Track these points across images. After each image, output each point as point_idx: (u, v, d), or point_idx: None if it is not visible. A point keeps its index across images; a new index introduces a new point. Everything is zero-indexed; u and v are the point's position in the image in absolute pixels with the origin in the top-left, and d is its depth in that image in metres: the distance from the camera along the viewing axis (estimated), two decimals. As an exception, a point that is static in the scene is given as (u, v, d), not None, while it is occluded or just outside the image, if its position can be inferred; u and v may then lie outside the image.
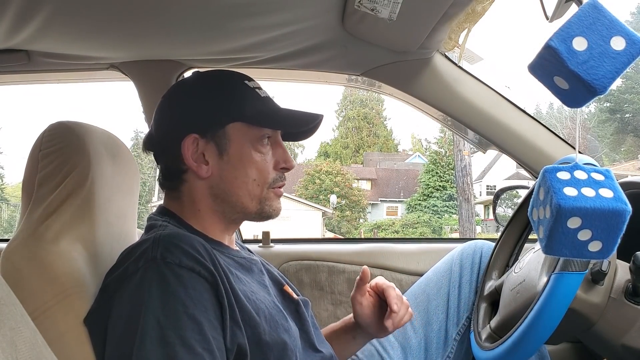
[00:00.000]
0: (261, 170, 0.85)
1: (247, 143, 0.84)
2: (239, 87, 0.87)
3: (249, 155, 0.84)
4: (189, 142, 0.83)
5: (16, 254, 0.75)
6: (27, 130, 20.47)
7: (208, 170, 0.84)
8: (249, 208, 0.85)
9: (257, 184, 0.85)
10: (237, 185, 0.84)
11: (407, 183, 25.48)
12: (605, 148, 28.22)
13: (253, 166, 0.84)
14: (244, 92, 0.87)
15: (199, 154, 0.83)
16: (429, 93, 1.24)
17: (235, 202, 0.85)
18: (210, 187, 0.84)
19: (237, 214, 0.86)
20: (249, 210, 0.86)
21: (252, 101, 0.86)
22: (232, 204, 0.85)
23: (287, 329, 0.80)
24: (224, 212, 0.86)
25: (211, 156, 0.84)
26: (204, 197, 0.85)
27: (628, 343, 0.78)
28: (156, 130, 0.88)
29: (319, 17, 1.01)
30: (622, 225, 0.53)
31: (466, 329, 1.14)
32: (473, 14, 1.01)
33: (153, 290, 0.67)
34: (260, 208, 0.86)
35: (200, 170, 0.83)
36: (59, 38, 1.03)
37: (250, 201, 0.85)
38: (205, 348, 0.65)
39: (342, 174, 22.66)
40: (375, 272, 1.34)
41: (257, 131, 0.85)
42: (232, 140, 0.84)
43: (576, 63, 0.50)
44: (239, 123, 0.84)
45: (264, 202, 0.86)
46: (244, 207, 0.85)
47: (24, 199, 0.82)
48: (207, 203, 0.85)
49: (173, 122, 0.86)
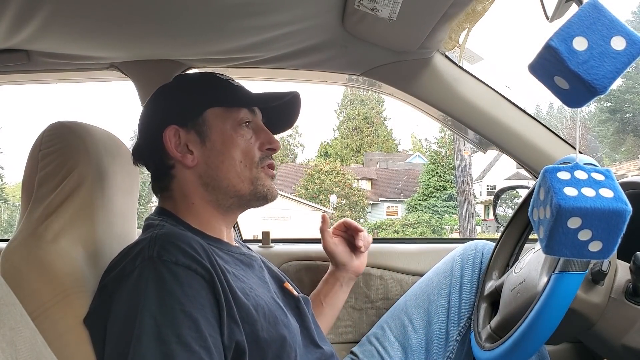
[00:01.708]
0: (246, 151, 0.86)
1: (227, 126, 0.86)
2: (212, 78, 0.91)
3: (231, 137, 0.86)
4: (170, 134, 0.85)
5: (16, 254, 0.75)
6: (27, 130, 20.49)
7: (194, 159, 0.85)
8: (242, 190, 0.86)
9: (244, 165, 0.86)
10: (225, 169, 0.85)
11: (407, 183, 25.48)
12: (606, 148, 28.22)
13: (237, 148, 0.86)
14: (217, 80, 0.90)
15: (183, 145, 0.85)
16: (429, 93, 1.24)
17: (226, 187, 0.85)
18: (200, 177, 0.85)
19: (231, 199, 0.86)
20: (242, 192, 0.86)
21: (226, 87, 0.89)
22: (223, 189, 0.85)
23: (286, 325, 0.80)
24: (217, 200, 0.86)
25: (194, 145, 0.85)
26: (196, 189, 0.86)
27: (628, 343, 0.78)
28: (141, 136, 0.90)
29: (319, 17, 1.01)
30: (622, 225, 0.53)
31: (467, 329, 1.14)
32: (473, 13, 1.01)
33: (150, 288, 0.67)
34: (253, 189, 0.86)
35: (186, 160, 0.85)
36: (59, 38, 1.03)
37: (241, 183, 0.86)
38: (202, 345, 0.66)
39: (342, 174, 22.66)
40: (375, 272, 1.34)
41: (235, 114, 0.87)
42: (212, 125, 0.86)
43: (576, 63, 0.50)
44: (216, 108, 0.87)
45: (256, 182, 0.87)
46: (236, 190, 0.86)
47: (24, 199, 0.82)
48: (199, 194, 0.86)
49: (154, 121, 0.89)
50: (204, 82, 0.91)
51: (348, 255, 1.16)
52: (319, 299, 1.14)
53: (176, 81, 0.94)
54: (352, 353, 1.19)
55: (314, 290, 1.17)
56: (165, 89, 0.92)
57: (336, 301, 1.16)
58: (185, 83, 0.92)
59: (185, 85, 0.92)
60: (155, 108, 0.91)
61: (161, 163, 0.86)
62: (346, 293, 1.18)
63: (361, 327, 1.31)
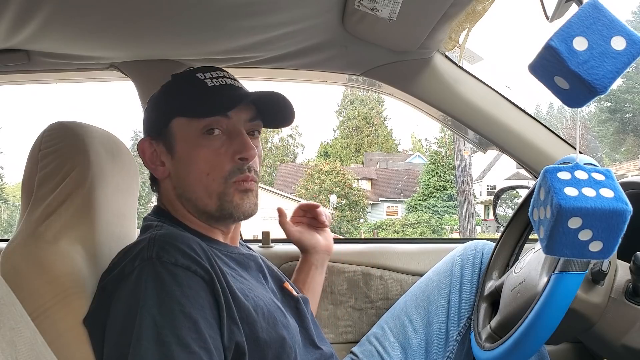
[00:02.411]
0: (213, 163, 0.81)
1: (192, 137, 0.81)
2: (186, 81, 0.85)
3: (195, 149, 0.81)
4: (145, 146, 0.85)
5: (16, 254, 0.75)
6: (27, 130, 20.47)
7: (164, 171, 0.85)
8: (209, 205, 0.82)
9: (212, 178, 0.81)
10: (192, 182, 0.82)
11: (407, 183, 25.49)
12: (606, 148, 28.22)
13: (201, 160, 0.81)
14: (188, 86, 0.84)
15: (156, 156, 0.85)
16: (429, 93, 1.24)
17: (195, 200, 0.83)
18: (174, 188, 0.85)
19: (203, 214, 0.84)
20: (209, 208, 0.82)
21: (192, 93, 0.83)
22: (193, 202, 0.83)
23: (286, 326, 0.80)
24: (195, 212, 0.84)
25: (164, 156, 0.85)
26: (174, 198, 0.86)
27: (628, 343, 0.78)
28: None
29: (319, 17, 1.01)
30: (622, 225, 0.53)
31: (467, 329, 1.14)
32: (473, 13, 1.01)
33: (149, 289, 0.67)
34: (219, 205, 0.81)
35: (157, 172, 0.85)
36: (59, 38, 1.03)
37: (208, 198, 0.81)
38: (201, 346, 0.65)
39: (342, 174, 22.66)
40: (375, 272, 1.34)
41: (197, 123, 0.81)
42: (177, 136, 0.83)
43: (576, 63, 0.50)
44: (180, 118, 0.83)
45: (223, 198, 0.81)
46: (204, 205, 0.82)
47: (24, 199, 0.82)
48: (178, 203, 0.85)
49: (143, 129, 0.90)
50: (174, 88, 0.86)
51: (314, 237, 1.16)
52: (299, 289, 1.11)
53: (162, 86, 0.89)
54: (352, 353, 1.19)
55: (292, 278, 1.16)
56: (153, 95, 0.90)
57: (315, 285, 1.16)
58: (164, 88, 0.88)
59: (161, 92, 0.88)
60: (143, 116, 0.91)
61: (149, 173, 0.88)
62: (323, 274, 1.17)
63: (361, 327, 1.31)
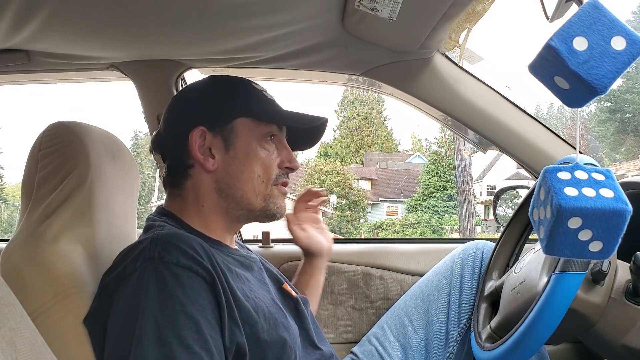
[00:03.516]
0: (266, 166, 0.86)
1: (254, 139, 0.86)
2: (247, 86, 0.90)
3: (255, 151, 0.86)
4: (197, 135, 0.85)
5: (16, 254, 0.75)
6: (27, 130, 20.46)
7: (214, 164, 0.85)
8: (254, 204, 0.86)
9: (261, 180, 0.86)
10: (243, 180, 0.85)
11: (407, 183, 25.48)
12: (606, 148, 28.22)
13: (259, 162, 0.86)
14: (252, 91, 0.90)
15: (206, 148, 0.85)
16: (429, 93, 1.24)
17: (240, 198, 0.85)
18: (216, 182, 0.85)
19: (242, 211, 0.86)
20: (254, 207, 0.86)
21: (259, 99, 0.89)
22: (237, 200, 0.85)
23: (286, 327, 0.80)
24: (228, 208, 0.86)
25: (218, 150, 0.85)
26: (209, 193, 0.85)
27: (628, 343, 0.78)
28: (165, 128, 0.90)
29: (319, 17, 1.01)
30: (622, 225, 0.53)
31: (467, 329, 1.14)
32: (473, 13, 1.01)
33: (150, 289, 0.67)
34: (265, 205, 0.87)
35: (207, 163, 0.85)
36: (59, 38, 1.03)
37: (255, 197, 0.86)
38: (203, 347, 0.65)
39: (342, 174, 22.66)
40: (375, 272, 1.34)
41: (264, 127, 0.87)
42: (239, 135, 0.86)
43: (577, 63, 0.50)
44: (246, 118, 0.86)
45: (269, 200, 0.87)
46: (249, 203, 0.86)
47: (24, 199, 0.82)
48: (211, 199, 0.85)
49: (182, 117, 0.88)
50: (239, 89, 0.90)
51: (320, 241, 1.16)
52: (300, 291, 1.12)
53: (212, 81, 0.92)
54: (352, 353, 1.19)
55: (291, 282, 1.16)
56: (199, 87, 0.92)
57: (318, 287, 1.16)
58: (221, 86, 0.91)
59: (220, 88, 0.91)
60: (187, 104, 0.90)
61: (180, 160, 0.86)
62: (324, 275, 1.18)
63: (361, 327, 1.31)
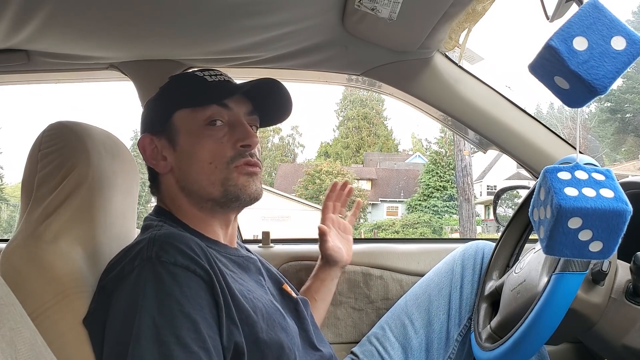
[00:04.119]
0: (215, 152, 0.84)
1: (195, 128, 0.85)
2: (185, 78, 0.90)
3: (199, 139, 0.84)
4: (146, 143, 0.87)
5: (15, 254, 0.75)
6: (27, 130, 20.45)
7: (166, 166, 0.86)
8: (213, 193, 0.84)
9: (214, 167, 0.83)
10: (195, 172, 0.84)
11: (408, 183, 25.48)
12: (606, 148, 28.22)
13: (204, 149, 0.83)
14: (188, 81, 0.88)
15: (159, 152, 0.86)
16: (429, 93, 1.24)
17: (198, 190, 0.84)
18: (177, 181, 0.86)
19: (207, 202, 0.85)
20: (214, 195, 0.84)
21: (195, 86, 0.86)
22: (197, 193, 0.85)
23: (284, 328, 0.80)
24: (197, 203, 0.86)
25: (167, 151, 0.86)
26: (176, 193, 0.86)
27: (628, 343, 0.78)
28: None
29: (319, 17, 1.01)
30: (622, 225, 0.53)
31: (468, 329, 1.13)
32: (473, 13, 1.01)
33: (148, 289, 0.67)
34: (224, 190, 0.83)
35: (159, 167, 0.86)
36: (59, 38, 1.03)
37: (211, 186, 0.83)
38: (200, 346, 0.65)
39: (342, 174, 22.65)
40: (375, 272, 1.34)
41: (201, 113, 0.84)
42: (180, 129, 0.86)
43: (577, 63, 0.50)
44: (182, 110, 0.86)
45: (227, 183, 0.83)
46: (208, 193, 0.84)
47: (24, 199, 0.82)
48: (181, 198, 0.86)
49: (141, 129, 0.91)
50: (173, 84, 0.89)
51: (342, 252, 1.17)
52: (310, 295, 1.14)
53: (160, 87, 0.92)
54: (352, 353, 1.19)
55: (303, 286, 1.17)
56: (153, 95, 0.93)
57: (328, 295, 1.17)
58: (163, 87, 0.91)
59: (161, 90, 0.91)
60: (142, 115, 0.92)
61: (149, 170, 0.89)
62: (336, 282, 1.19)
63: (361, 327, 1.31)
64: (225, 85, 0.86)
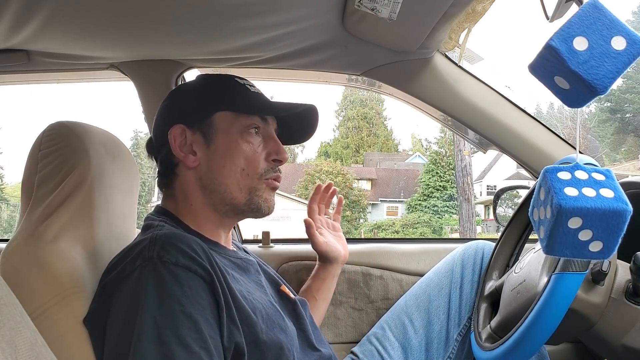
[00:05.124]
0: (250, 160, 0.85)
1: (235, 132, 0.85)
2: (228, 81, 0.90)
3: (237, 144, 0.84)
4: (176, 133, 0.85)
5: (16, 254, 0.75)
6: (27, 130, 20.44)
7: (195, 160, 0.85)
8: (238, 199, 0.85)
9: (246, 174, 0.84)
10: (225, 175, 0.84)
11: (408, 183, 25.48)
12: (606, 148, 28.22)
13: (241, 155, 0.84)
14: (232, 84, 0.89)
15: (187, 145, 0.85)
16: (429, 93, 1.24)
17: (223, 192, 0.84)
18: (200, 179, 0.85)
19: (227, 206, 0.85)
20: (238, 201, 0.85)
21: (240, 92, 0.88)
22: (220, 195, 0.85)
23: (283, 329, 0.80)
24: (214, 204, 0.86)
25: (198, 146, 0.85)
26: (195, 190, 0.86)
27: (628, 343, 0.78)
28: (153, 131, 0.91)
29: (319, 17, 1.01)
30: (622, 225, 0.53)
31: (467, 329, 1.14)
32: (473, 13, 1.01)
33: (149, 289, 0.67)
34: (249, 199, 0.85)
35: (188, 160, 0.85)
36: (59, 38, 1.03)
37: (239, 191, 0.84)
38: (201, 346, 0.65)
39: (342, 174, 22.66)
40: (375, 272, 1.34)
41: (244, 120, 0.85)
42: (219, 129, 0.85)
43: (577, 63, 0.50)
44: (225, 112, 0.86)
45: (254, 192, 0.85)
46: (232, 198, 0.85)
47: (24, 199, 0.82)
48: (197, 196, 0.86)
49: (165, 118, 0.89)
50: (218, 84, 0.90)
51: (338, 248, 1.16)
52: (311, 294, 1.14)
53: (196, 79, 0.93)
54: (352, 353, 1.19)
55: (304, 286, 1.17)
56: (184, 86, 0.93)
57: (329, 294, 1.17)
58: (202, 82, 0.91)
59: (200, 85, 0.91)
60: (170, 104, 0.91)
61: (166, 160, 0.87)
62: (336, 281, 1.18)
63: (361, 327, 1.31)
64: (267, 101, 0.89)
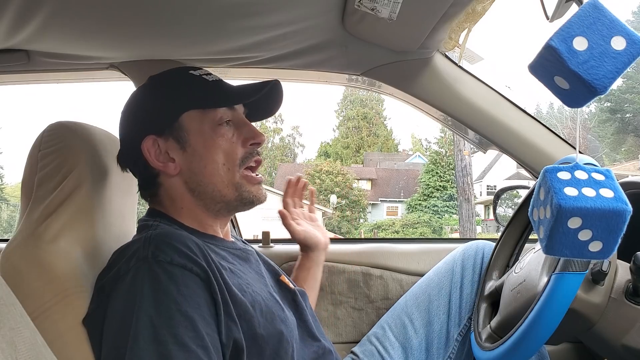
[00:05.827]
0: (228, 152, 0.84)
1: (207, 129, 0.84)
2: (184, 78, 0.87)
3: (212, 141, 0.84)
4: (149, 145, 0.83)
5: (16, 254, 0.75)
6: (27, 130, 20.44)
7: (176, 167, 0.84)
8: (227, 195, 0.85)
9: (227, 168, 0.84)
10: (209, 174, 0.83)
11: (408, 183, 25.49)
12: (606, 148, 28.23)
13: (219, 151, 0.84)
14: (190, 80, 0.87)
15: (163, 154, 0.84)
16: (429, 93, 1.24)
17: (212, 192, 0.84)
18: (185, 183, 0.84)
19: (219, 204, 0.85)
20: (228, 198, 0.85)
21: (200, 86, 0.86)
22: (210, 195, 0.84)
23: (283, 320, 0.80)
24: (205, 205, 0.85)
25: (175, 152, 0.84)
26: (183, 194, 0.85)
27: (628, 343, 0.78)
28: (122, 146, 0.88)
29: (319, 17, 1.01)
30: (622, 225, 0.53)
31: (468, 329, 1.13)
32: (473, 13, 1.01)
33: (145, 289, 0.67)
34: (238, 195, 0.85)
35: (168, 168, 0.84)
36: (59, 38, 1.03)
37: (226, 188, 0.84)
38: (199, 345, 0.65)
39: (342, 174, 22.67)
40: (375, 272, 1.34)
41: (213, 114, 0.84)
42: (190, 130, 0.84)
43: (577, 63, 0.50)
44: (191, 111, 0.84)
45: (240, 189, 0.85)
46: (222, 196, 0.84)
47: (24, 199, 0.82)
48: (187, 199, 0.85)
49: (131, 130, 0.86)
50: (176, 84, 0.87)
51: (316, 235, 1.16)
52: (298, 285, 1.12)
53: (150, 84, 0.89)
54: (352, 353, 1.19)
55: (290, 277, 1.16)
56: (140, 94, 0.89)
57: (315, 282, 1.16)
58: (158, 86, 0.88)
59: (158, 89, 0.88)
60: (132, 116, 0.88)
61: (145, 172, 0.86)
62: (321, 270, 1.18)
63: (361, 327, 1.31)
64: (230, 88, 0.87)
